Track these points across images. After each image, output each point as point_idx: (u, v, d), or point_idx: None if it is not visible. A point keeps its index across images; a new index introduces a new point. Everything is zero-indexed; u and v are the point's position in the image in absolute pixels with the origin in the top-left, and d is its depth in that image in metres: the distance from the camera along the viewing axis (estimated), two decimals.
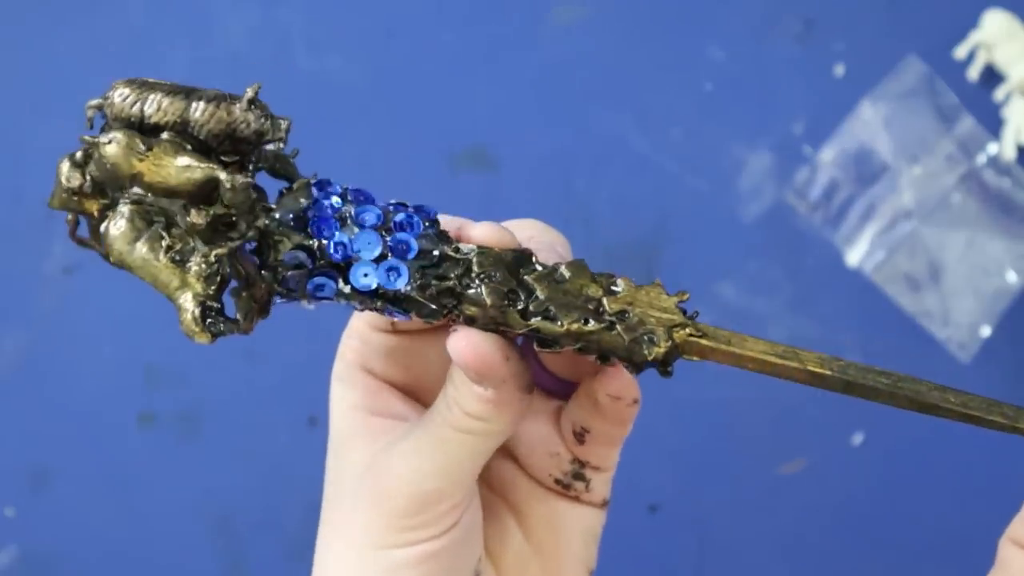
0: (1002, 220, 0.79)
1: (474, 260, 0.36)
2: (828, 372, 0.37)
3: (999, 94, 0.80)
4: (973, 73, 0.80)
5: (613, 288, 0.36)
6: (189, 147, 0.35)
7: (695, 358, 0.37)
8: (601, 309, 0.36)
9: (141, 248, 0.35)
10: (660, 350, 0.36)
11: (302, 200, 0.36)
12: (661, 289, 0.37)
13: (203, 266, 0.35)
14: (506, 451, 0.42)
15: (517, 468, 0.42)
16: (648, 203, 0.80)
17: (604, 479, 0.43)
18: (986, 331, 0.78)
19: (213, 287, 0.35)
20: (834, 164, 0.80)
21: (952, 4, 0.81)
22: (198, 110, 0.34)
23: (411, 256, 0.36)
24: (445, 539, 0.38)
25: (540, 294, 0.36)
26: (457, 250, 0.36)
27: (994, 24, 0.79)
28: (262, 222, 0.35)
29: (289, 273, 0.36)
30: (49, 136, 0.80)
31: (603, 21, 0.81)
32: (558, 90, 0.81)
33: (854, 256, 0.79)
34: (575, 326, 0.36)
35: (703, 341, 0.36)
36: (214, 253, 0.35)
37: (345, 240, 0.36)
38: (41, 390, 0.78)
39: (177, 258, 0.35)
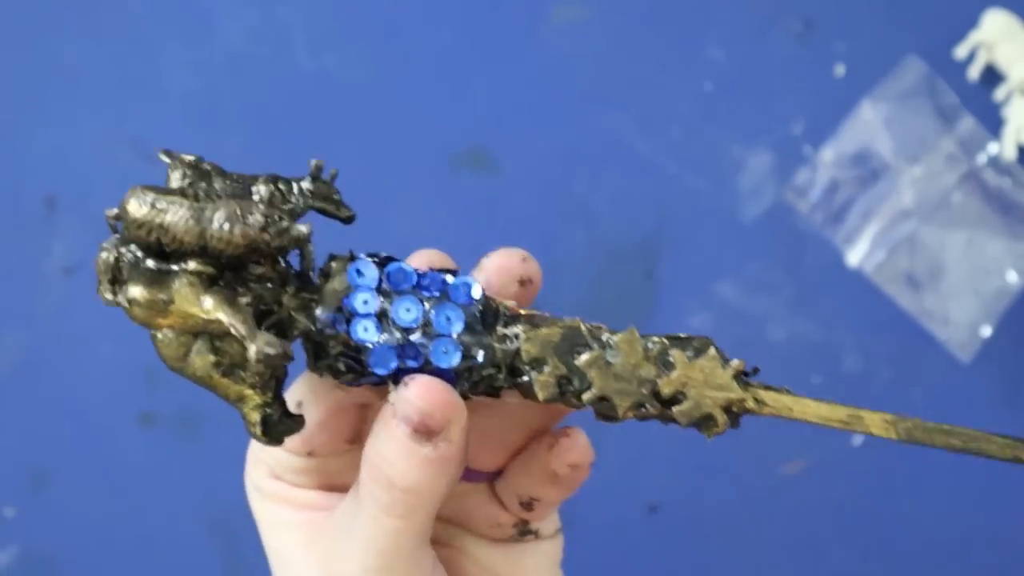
0: (1002, 220, 0.79)
1: (522, 348, 0.35)
2: (894, 436, 0.37)
3: (999, 94, 0.80)
4: (973, 73, 0.80)
5: (667, 359, 0.36)
6: (211, 274, 0.34)
7: (760, 416, 0.37)
8: (656, 391, 0.36)
9: (194, 362, 0.35)
10: (719, 430, 0.36)
11: (339, 290, 0.35)
12: (716, 361, 0.36)
13: (256, 378, 0.35)
14: (452, 520, 0.42)
15: (466, 532, 0.42)
16: (648, 203, 0.80)
17: (550, 519, 0.43)
18: (986, 331, 0.78)
19: (270, 392, 0.35)
20: (834, 164, 0.80)
21: (952, 4, 0.81)
22: (213, 237, 0.34)
23: (454, 365, 0.35)
24: None
25: (593, 381, 0.35)
26: (503, 338, 0.36)
27: (994, 24, 0.79)
28: (305, 325, 0.35)
29: (343, 376, 0.36)
30: (49, 136, 0.80)
31: (603, 21, 0.81)
32: (558, 90, 0.81)
33: (854, 256, 0.79)
34: (631, 413, 0.36)
35: (763, 411, 0.36)
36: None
37: (391, 358, 0.35)
38: (41, 390, 0.78)
39: (230, 371, 0.35)
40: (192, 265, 0.34)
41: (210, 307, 0.34)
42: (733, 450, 0.77)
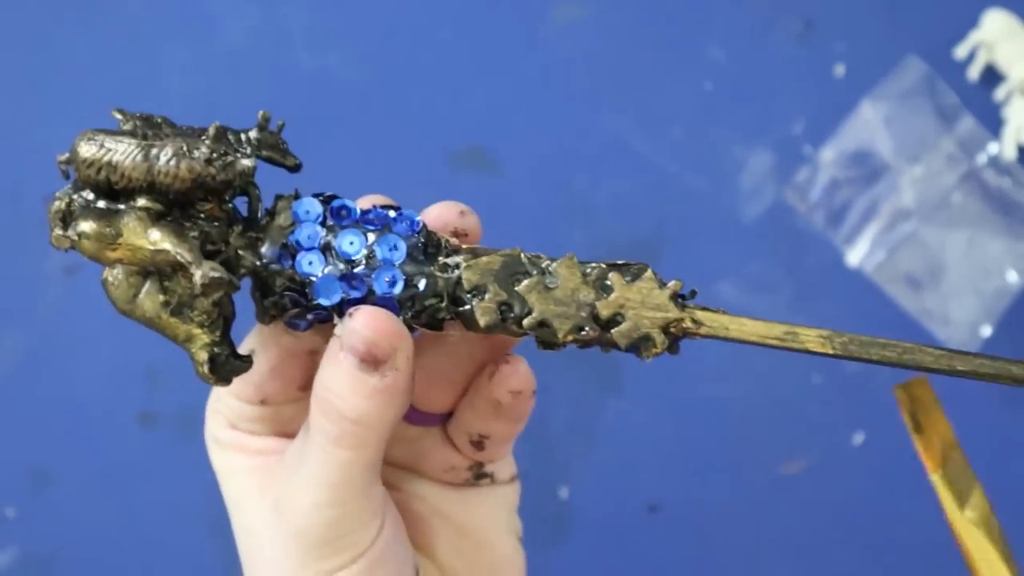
0: (1002, 220, 0.79)
1: (463, 276, 0.36)
2: (830, 351, 0.37)
3: (999, 94, 0.80)
4: (973, 73, 0.80)
5: (606, 283, 0.36)
6: (159, 211, 0.35)
7: (698, 338, 0.37)
8: (595, 314, 0.36)
9: (143, 303, 0.35)
10: (658, 350, 0.36)
11: (284, 227, 0.36)
12: (653, 282, 0.36)
13: (203, 316, 0.35)
14: (406, 466, 0.42)
15: (422, 478, 0.42)
16: (648, 203, 0.80)
17: (505, 463, 0.43)
18: (987, 331, 0.78)
19: (218, 331, 0.36)
20: (834, 164, 0.80)
21: (952, 4, 0.81)
22: (160, 172, 0.35)
23: (395, 292, 0.36)
24: (373, 552, 0.37)
25: (534, 306, 0.36)
26: (445, 267, 0.36)
27: (994, 24, 0.79)
28: (251, 262, 0.36)
29: (289, 312, 0.36)
30: (49, 136, 0.80)
31: (603, 21, 0.81)
32: (558, 90, 0.81)
33: (854, 256, 0.79)
34: (571, 336, 0.36)
35: (701, 331, 0.36)
36: (211, 300, 0.35)
37: (335, 289, 0.36)
38: (41, 390, 0.78)
39: (178, 310, 0.35)
40: (141, 202, 0.35)
41: (157, 238, 0.34)
42: (733, 450, 0.77)
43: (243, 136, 0.37)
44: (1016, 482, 0.77)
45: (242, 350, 0.38)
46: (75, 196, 0.35)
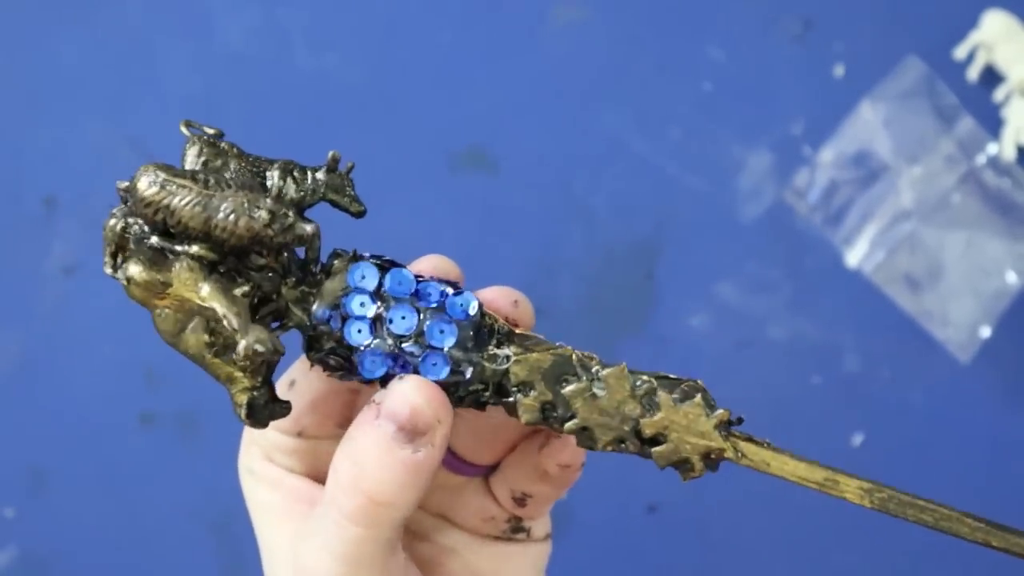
0: (1002, 220, 0.79)
1: (511, 369, 0.36)
2: (867, 504, 0.37)
3: (999, 94, 0.80)
4: (973, 73, 0.80)
5: (654, 399, 0.36)
6: (213, 259, 0.34)
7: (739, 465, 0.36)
8: (638, 429, 0.36)
9: (188, 340, 0.35)
10: (695, 475, 0.36)
11: (338, 290, 0.36)
12: (701, 408, 0.36)
13: (247, 361, 0.35)
14: (441, 516, 0.42)
15: (456, 528, 0.42)
16: (648, 203, 0.80)
17: (542, 520, 0.43)
18: (986, 332, 0.78)
19: (260, 376, 0.35)
20: (834, 164, 0.80)
21: (952, 4, 0.81)
22: (217, 227, 0.34)
23: (440, 377, 0.35)
24: None
25: (577, 411, 0.36)
26: (494, 357, 0.36)
27: (994, 24, 0.79)
28: (300, 319, 0.35)
29: (334, 372, 0.36)
30: (49, 136, 0.80)
31: (603, 21, 0.81)
32: (558, 90, 0.81)
33: (854, 256, 0.79)
34: (610, 447, 0.36)
35: (741, 462, 0.36)
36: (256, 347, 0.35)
37: (380, 364, 0.35)
38: (41, 390, 0.78)
39: (222, 352, 0.35)
40: (195, 249, 0.34)
41: (206, 295, 0.34)
42: None
43: (310, 176, 0.36)
44: (1016, 482, 0.77)
45: (285, 378, 0.38)
46: (131, 220, 0.35)
